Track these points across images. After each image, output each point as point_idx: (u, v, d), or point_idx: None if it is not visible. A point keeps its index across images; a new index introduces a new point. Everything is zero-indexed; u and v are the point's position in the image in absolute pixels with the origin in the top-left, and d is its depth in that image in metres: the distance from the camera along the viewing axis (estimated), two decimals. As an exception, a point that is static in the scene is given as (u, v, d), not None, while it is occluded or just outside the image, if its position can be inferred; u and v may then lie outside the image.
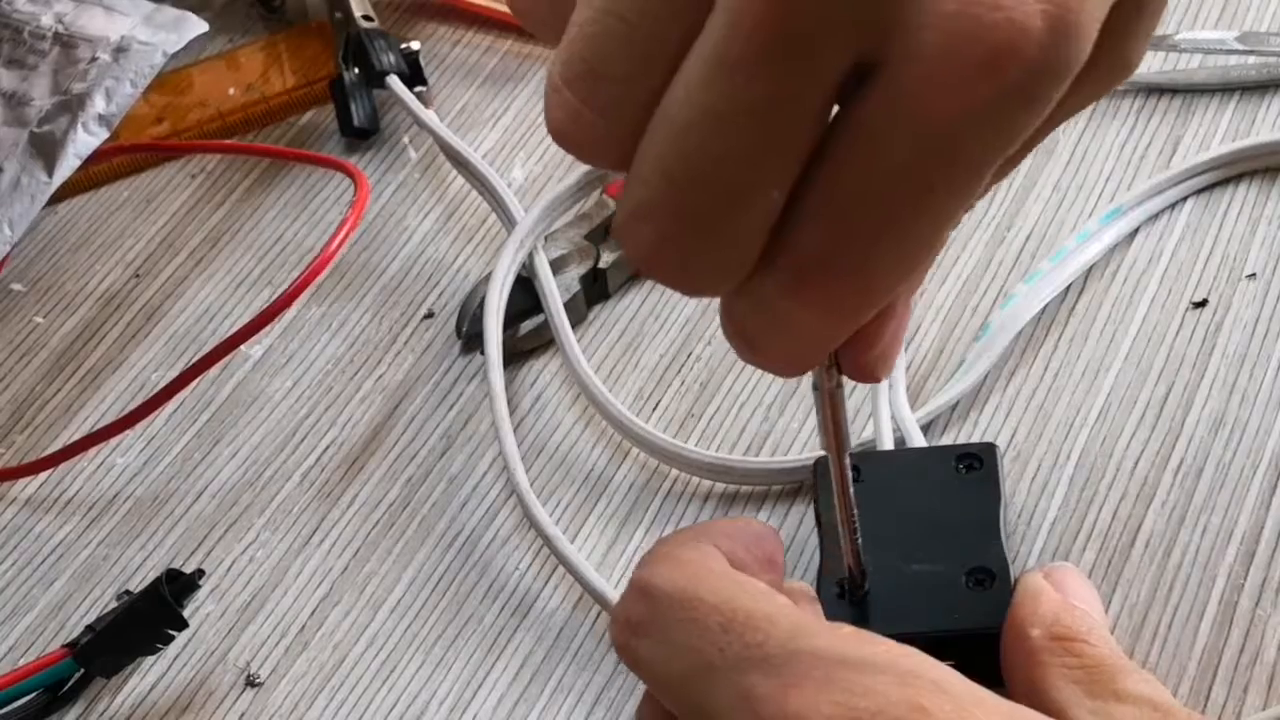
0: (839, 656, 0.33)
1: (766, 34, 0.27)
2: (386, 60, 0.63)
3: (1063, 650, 0.38)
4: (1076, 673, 0.38)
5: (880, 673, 0.32)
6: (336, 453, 0.54)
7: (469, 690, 0.47)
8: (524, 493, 0.50)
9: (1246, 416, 0.50)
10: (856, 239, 0.29)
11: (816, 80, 0.28)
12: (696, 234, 0.29)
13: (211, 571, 0.51)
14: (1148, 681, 0.38)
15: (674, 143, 0.28)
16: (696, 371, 0.54)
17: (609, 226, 0.58)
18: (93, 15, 0.63)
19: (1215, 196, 0.56)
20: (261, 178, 0.63)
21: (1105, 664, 0.38)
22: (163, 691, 0.48)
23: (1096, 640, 0.39)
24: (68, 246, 0.62)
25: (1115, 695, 0.37)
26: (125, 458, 0.55)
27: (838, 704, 0.32)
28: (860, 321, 0.31)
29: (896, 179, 0.28)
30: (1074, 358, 0.52)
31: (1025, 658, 0.39)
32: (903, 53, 0.27)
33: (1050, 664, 0.38)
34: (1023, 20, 0.26)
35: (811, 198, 0.29)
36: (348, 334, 0.57)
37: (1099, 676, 0.38)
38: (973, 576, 0.43)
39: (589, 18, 0.28)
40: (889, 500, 0.44)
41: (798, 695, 0.32)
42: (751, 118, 0.28)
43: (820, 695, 0.32)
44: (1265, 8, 0.61)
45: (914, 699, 0.32)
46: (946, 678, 0.33)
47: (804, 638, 0.34)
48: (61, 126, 0.60)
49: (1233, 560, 0.46)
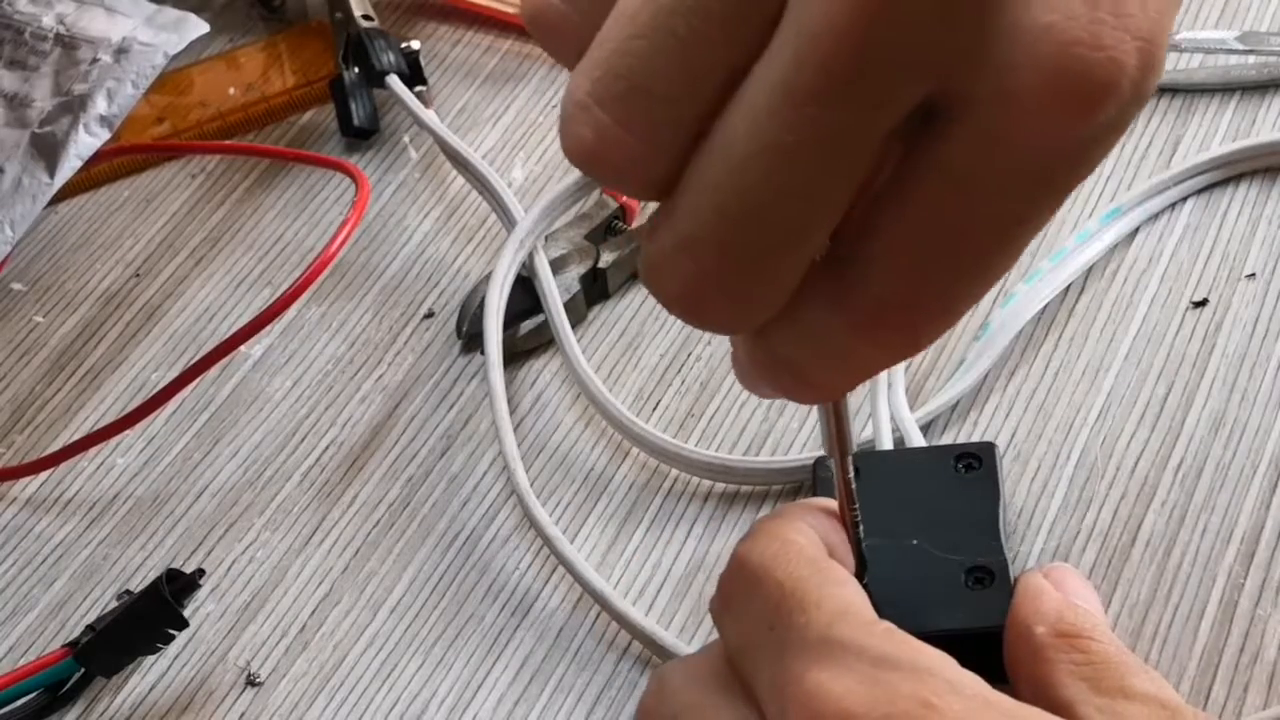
0: (864, 647, 0.34)
1: (844, 65, 0.26)
2: (387, 60, 0.63)
3: (1069, 647, 0.38)
4: (1084, 669, 0.38)
5: (897, 668, 0.33)
6: (337, 452, 0.54)
7: (469, 690, 0.47)
8: (524, 493, 0.50)
9: (1246, 416, 0.50)
10: (943, 278, 0.29)
11: (888, 115, 0.27)
12: (743, 271, 0.28)
13: (212, 571, 0.51)
14: (1154, 680, 0.38)
15: (732, 175, 0.27)
16: (696, 371, 0.54)
17: (609, 226, 0.58)
18: (94, 16, 0.64)
19: (1215, 196, 0.56)
20: (261, 178, 0.63)
21: (1112, 661, 0.38)
22: (163, 691, 0.49)
23: (1102, 637, 0.39)
24: (68, 246, 0.62)
25: (1123, 692, 0.37)
26: (125, 457, 0.55)
27: (849, 690, 0.32)
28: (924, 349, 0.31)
29: (987, 218, 0.28)
30: (1074, 358, 0.52)
31: (1030, 655, 0.39)
32: (995, 92, 0.26)
33: (1056, 661, 0.38)
34: (1122, 59, 0.26)
35: (888, 237, 0.28)
36: (348, 334, 0.57)
37: (1106, 673, 0.37)
38: (972, 575, 0.43)
39: (632, 32, 0.27)
40: (888, 500, 0.44)
41: (815, 676, 0.33)
42: (818, 152, 0.26)
43: (836, 680, 0.33)
44: (1265, 8, 0.61)
45: (924, 695, 0.32)
46: (961, 679, 0.34)
47: (841, 626, 0.35)
48: (63, 127, 0.60)
49: (1233, 560, 0.46)
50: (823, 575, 0.36)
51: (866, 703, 0.32)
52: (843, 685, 0.33)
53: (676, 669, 0.37)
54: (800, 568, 0.36)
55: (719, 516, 0.50)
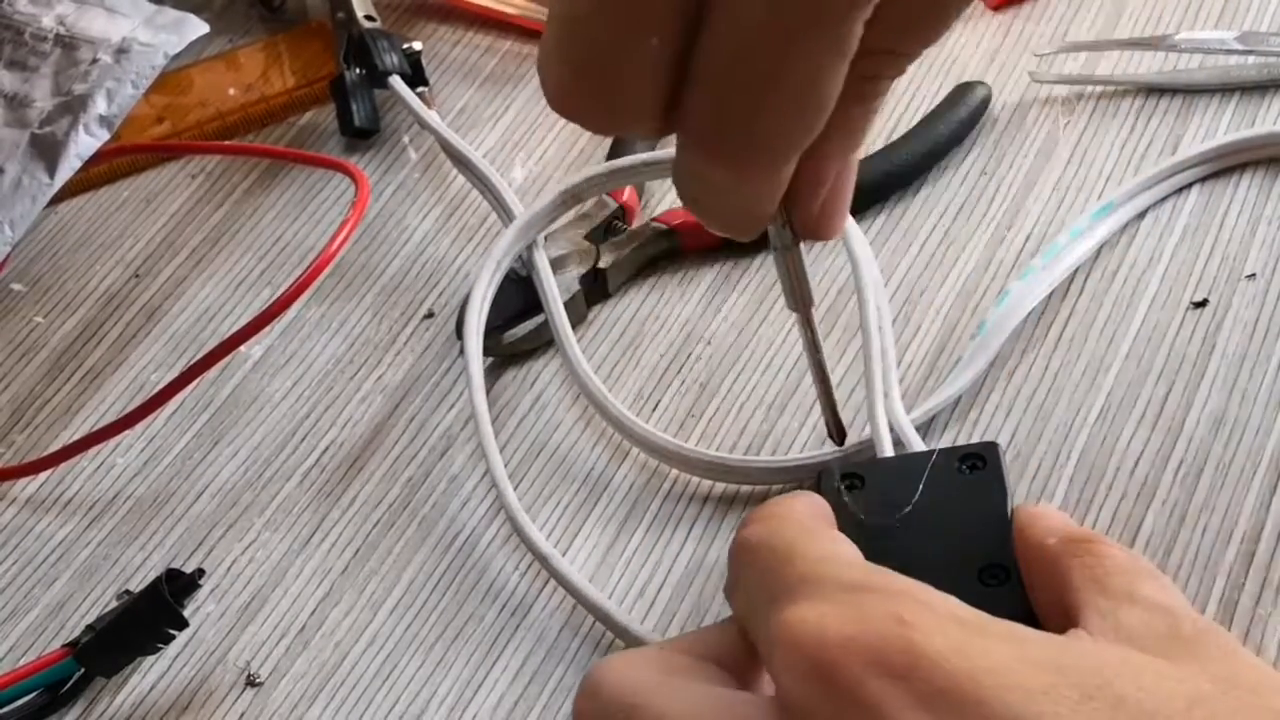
0: (842, 580, 0.35)
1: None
2: (389, 60, 0.63)
3: (1081, 550, 0.38)
4: (1094, 570, 0.38)
5: (873, 591, 0.35)
6: (337, 453, 0.54)
7: (469, 690, 0.47)
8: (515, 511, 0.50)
9: (1246, 416, 0.50)
10: (737, 96, 0.32)
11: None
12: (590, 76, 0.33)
13: (212, 571, 0.51)
14: (1164, 587, 0.37)
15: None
16: (696, 371, 0.54)
17: (609, 226, 0.58)
18: (94, 17, 0.64)
19: (1215, 196, 0.55)
20: (261, 178, 0.63)
21: (1123, 565, 0.38)
22: (163, 691, 0.49)
23: (1114, 544, 0.39)
24: (68, 247, 0.62)
25: (1129, 597, 0.37)
26: (125, 458, 0.55)
27: (823, 615, 0.34)
28: (773, 176, 0.35)
29: (759, 34, 0.31)
30: (1074, 358, 0.52)
31: (1048, 566, 0.39)
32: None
33: (1071, 565, 0.38)
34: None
35: (696, 65, 0.32)
36: (348, 334, 0.57)
37: (1116, 577, 0.37)
38: (986, 573, 0.42)
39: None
40: (895, 505, 0.44)
41: (795, 610, 0.34)
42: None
43: (813, 609, 0.34)
44: (1265, 8, 0.61)
45: (897, 613, 0.33)
46: (933, 598, 0.35)
47: (823, 566, 0.36)
48: (63, 128, 0.60)
49: (1232, 560, 0.46)
50: (811, 534, 0.38)
51: (840, 622, 0.33)
52: (817, 612, 0.34)
53: (613, 666, 0.37)
54: (791, 532, 0.38)
55: (719, 517, 0.50)
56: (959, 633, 0.33)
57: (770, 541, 0.38)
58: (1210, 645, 0.35)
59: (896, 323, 0.54)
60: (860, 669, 0.32)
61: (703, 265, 0.57)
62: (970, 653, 0.32)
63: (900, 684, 0.32)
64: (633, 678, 0.36)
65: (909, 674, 0.32)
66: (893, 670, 0.32)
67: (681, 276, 0.57)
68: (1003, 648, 0.33)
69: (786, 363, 0.54)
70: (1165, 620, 0.36)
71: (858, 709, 0.32)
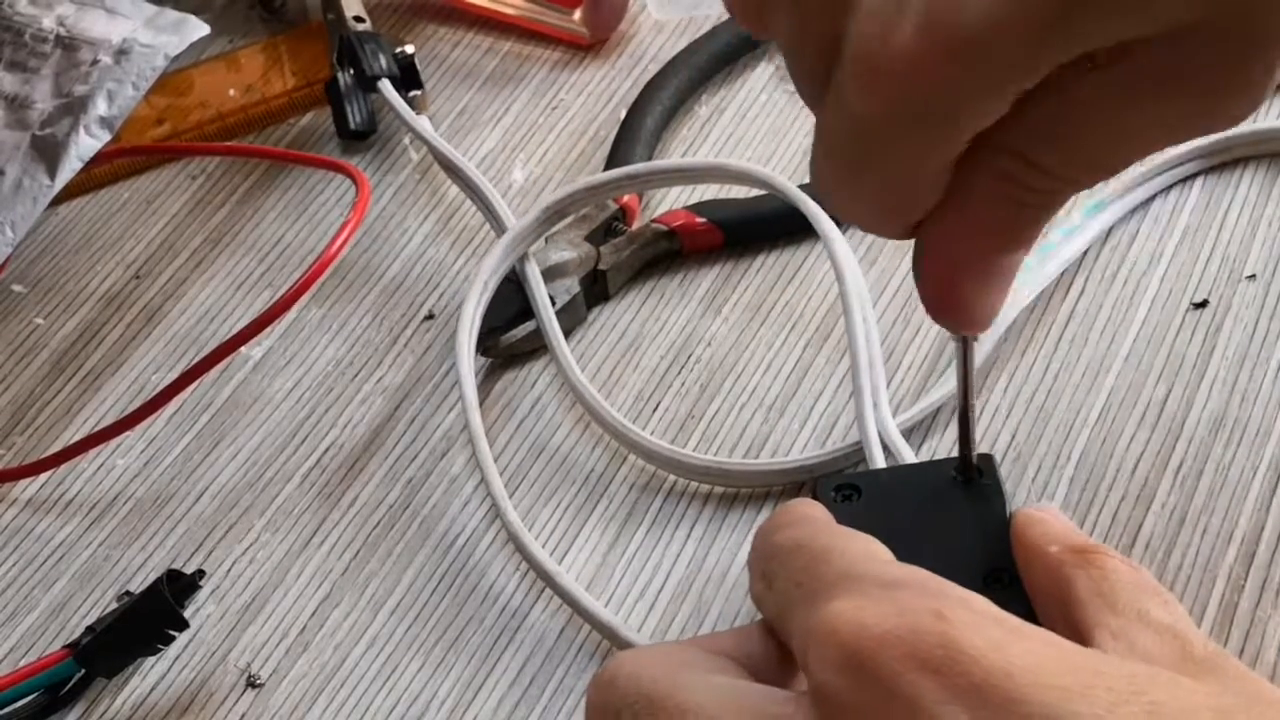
0: (884, 576, 0.35)
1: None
2: (378, 65, 0.63)
3: (1085, 562, 0.38)
4: (1100, 585, 0.38)
5: (912, 588, 0.35)
6: (337, 454, 0.54)
7: (469, 691, 0.47)
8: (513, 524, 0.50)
9: (1246, 417, 0.50)
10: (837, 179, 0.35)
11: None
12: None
13: (212, 572, 0.51)
14: (1170, 608, 0.37)
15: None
16: (696, 373, 0.54)
17: (609, 228, 0.58)
18: (94, 18, 0.64)
19: (1215, 197, 0.56)
20: (262, 179, 0.63)
21: (1127, 580, 0.38)
22: (163, 692, 0.49)
23: (1115, 554, 0.39)
24: (68, 248, 0.62)
25: (1140, 617, 0.37)
26: (126, 459, 0.55)
27: (861, 608, 0.33)
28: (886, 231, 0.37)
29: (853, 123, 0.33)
30: (1074, 358, 0.52)
31: (1050, 575, 0.39)
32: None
33: (1075, 576, 0.38)
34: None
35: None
36: (348, 335, 0.57)
37: (1123, 593, 0.37)
38: (991, 577, 0.42)
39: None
40: (893, 516, 0.44)
41: (833, 605, 0.34)
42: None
43: (850, 602, 0.34)
44: (1265, 9, 0.61)
45: (935, 607, 0.33)
46: (971, 597, 0.35)
47: (861, 565, 0.36)
48: (63, 129, 0.60)
49: (1232, 561, 0.46)
50: (847, 535, 0.38)
51: (878, 616, 0.33)
52: (855, 605, 0.34)
53: (631, 658, 0.37)
54: (826, 533, 0.38)
55: (718, 519, 0.50)
56: (997, 631, 0.33)
57: (807, 542, 0.38)
58: (1225, 666, 0.35)
59: (896, 324, 0.54)
60: (897, 662, 0.32)
61: (703, 267, 0.57)
62: (1008, 651, 0.32)
63: (937, 678, 0.32)
64: (651, 669, 0.36)
65: (946, 668, 0.32)
66: (930, 664, 0.32)
67: (681, 278, 0.57)
68: (1040, 649, 0.33)
69: (786, 365, 0.54)
70: (1176, 643, 0.36)
71: (894, 701, 0.32)
